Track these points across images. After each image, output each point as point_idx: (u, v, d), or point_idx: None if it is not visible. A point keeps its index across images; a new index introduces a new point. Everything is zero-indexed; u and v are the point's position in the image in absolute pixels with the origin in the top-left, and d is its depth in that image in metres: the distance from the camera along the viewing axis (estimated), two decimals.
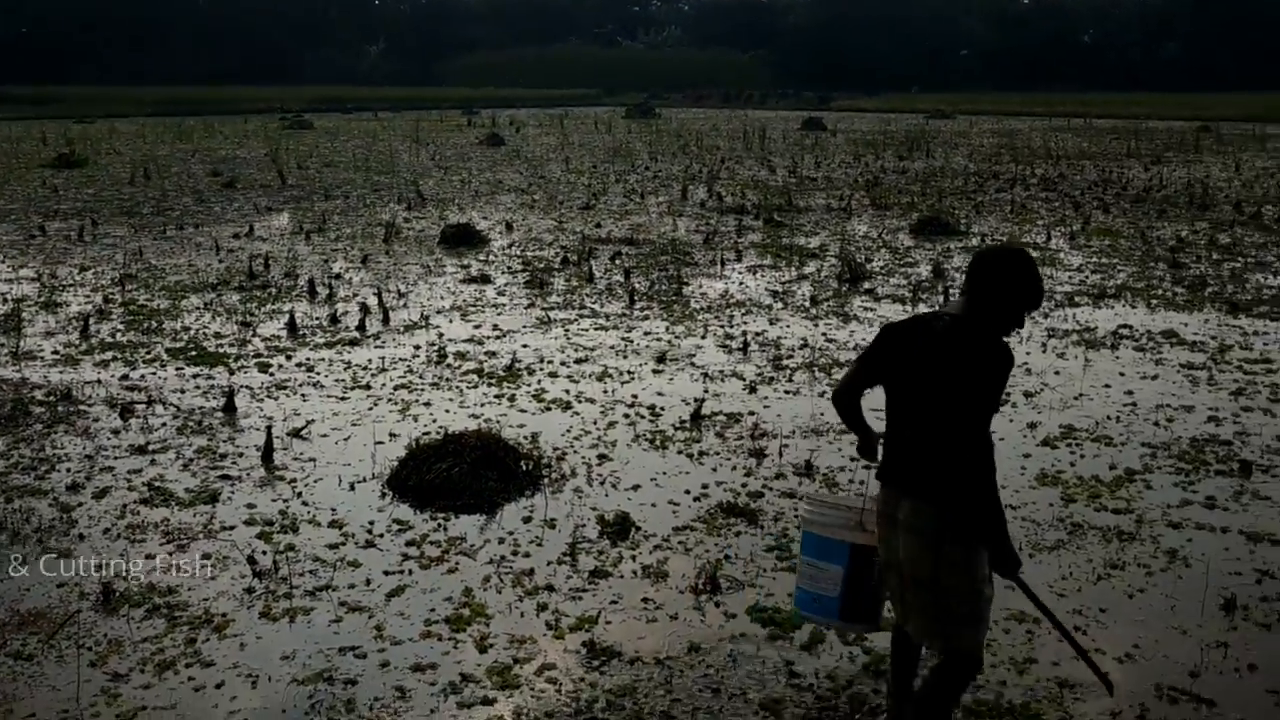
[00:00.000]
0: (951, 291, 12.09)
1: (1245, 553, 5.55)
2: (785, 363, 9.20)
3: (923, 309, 11.31)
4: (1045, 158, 30.59)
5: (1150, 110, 55.76)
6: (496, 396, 8.21)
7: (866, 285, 12.60)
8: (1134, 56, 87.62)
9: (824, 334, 10.26)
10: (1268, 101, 57.01)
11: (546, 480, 6.48)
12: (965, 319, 3.64)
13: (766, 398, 8.22)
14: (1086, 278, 13.06)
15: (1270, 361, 9.12)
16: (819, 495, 5.55)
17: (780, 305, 11.59)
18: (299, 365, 9.02)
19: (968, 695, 4.11)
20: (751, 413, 7.82)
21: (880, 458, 3.89)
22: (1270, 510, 6.05)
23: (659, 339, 10.05)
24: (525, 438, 7.20)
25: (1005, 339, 3.66)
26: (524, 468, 6.50)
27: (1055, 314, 11.02)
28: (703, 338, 10.13)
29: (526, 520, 5.93)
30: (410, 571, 5.33)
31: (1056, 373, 8.84)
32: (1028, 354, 9.43)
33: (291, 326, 10.25)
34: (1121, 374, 8.79)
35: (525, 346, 9.70)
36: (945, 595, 3.59)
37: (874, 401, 3.85)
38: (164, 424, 7.45)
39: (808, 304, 11.62)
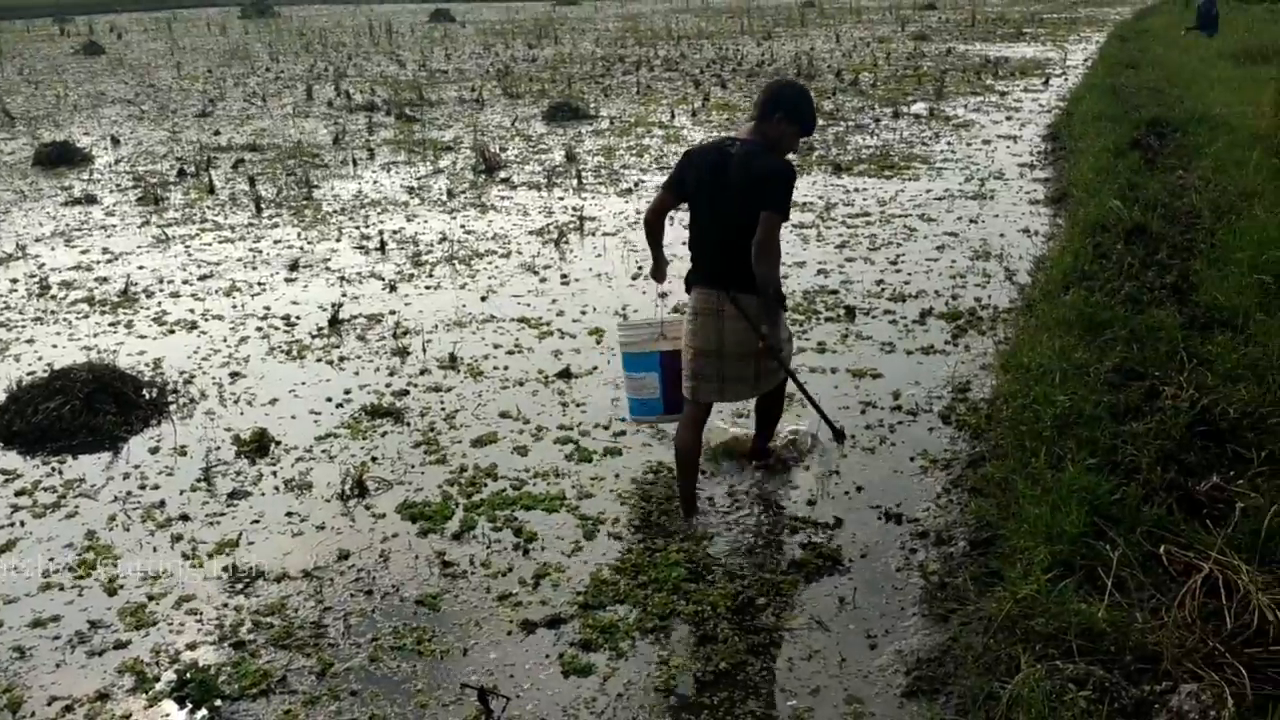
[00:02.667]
0: (583, 173, 12.29)
1: (851, 388, 6.08)
2: (424, 258, 9.04)
3: (557, 193, 11.45)
4: (668, 39, 31.51)
5: None
6: (111, 325, 7.56)
7: (502, 175, 12.57)
8: None
9: (462, 226, 10.17)
10: None
11: (174, 406, 6.07)
12: (756, 142, 4.41)
13: (407, 295, 8.06)
14: None
15: (868, 214, 9.95)
16: (626, 322, 5.91)
17: (417, 201, 11.36)
18: None
19: None
20: (393, 312, 7.66)
21: (690, 275, 4.74)
22: (870, 348, 6.65)
23: (290, 246, 9.59)
24: (147, 365, 6.70)
25: (787, 157, 4.46)
26: (146, 396, 6.05)
27: None
28: (338, 241, 9.77)
29: (154, 451, 5.54)
30: (22, 523, 4.86)
31: (683, 243, 9.19)
32: None
33: None
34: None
35: (141, 268, 8.98)
36: (771, 355, 4.56)
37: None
38: None
39: (445, 198, 11.46)
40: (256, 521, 4.81)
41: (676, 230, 5.23)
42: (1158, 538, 3.60)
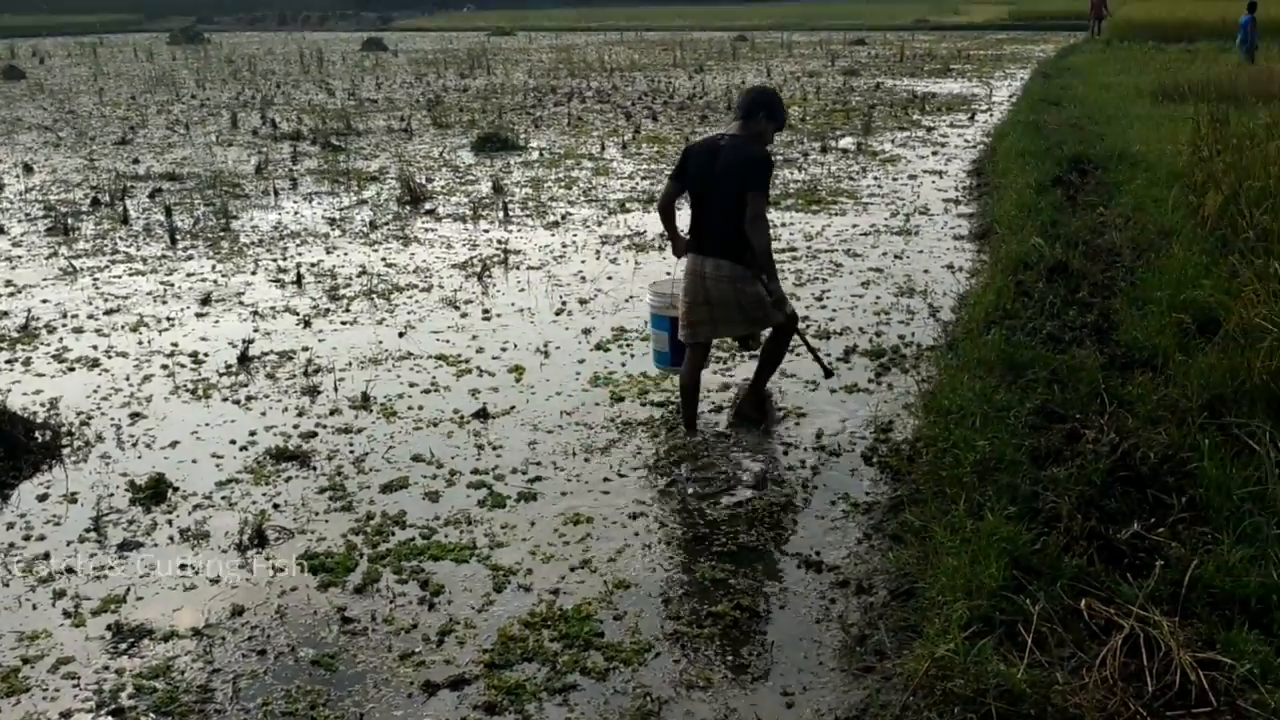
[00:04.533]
0: (510, 205, 12.13)
1: (775, 427, 5.97)
2: (342, 292, 8.81)
3: (483, 225, 11.27)
4: (601, 70, 31.56)
5: (694, 22, 59.08)
6: (8, 362, 7.23)
7: (428, 206, 12.36)
8: None
9: (383, 259, 9.94)
10: (793, 11, 62.12)
11: (69, 450, 5.78)
12: (742, 137, 5.55)
13: (321, 331, 7.82)
14: (637, 184, 13.58)
15: (794, 249, 9.89)
16: (654, 286, 6.46)
17: (338, 232, 11.11)
18: None
19: None
20: (305, 348, 7.41)
21: (687, 243, 5.74)
22: (795, 385, 6.54)
23: (204, 279, 9.30)
24: (42, 405, 6.39)
25: (767, 149, 5.63)
26: (38, 439, 5.75)
27: (608, 221, 11.35)
28: (253, 273, 9.50)
29: (42, 499, 5.25)
30: None
31: (609, 278, 9.09)
32: (583, 262, 9.64)
33: None
34: (668, 274, 9.15)
35: (45, 302, 8.64)
36: (747, 310, 5.63)
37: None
38: None
39: (367, 229, 11.23)
40: (146, 575, 4.54)
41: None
42: (1079, 590, 3.50)
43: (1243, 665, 2.99)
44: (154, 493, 5.23)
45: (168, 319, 8.15)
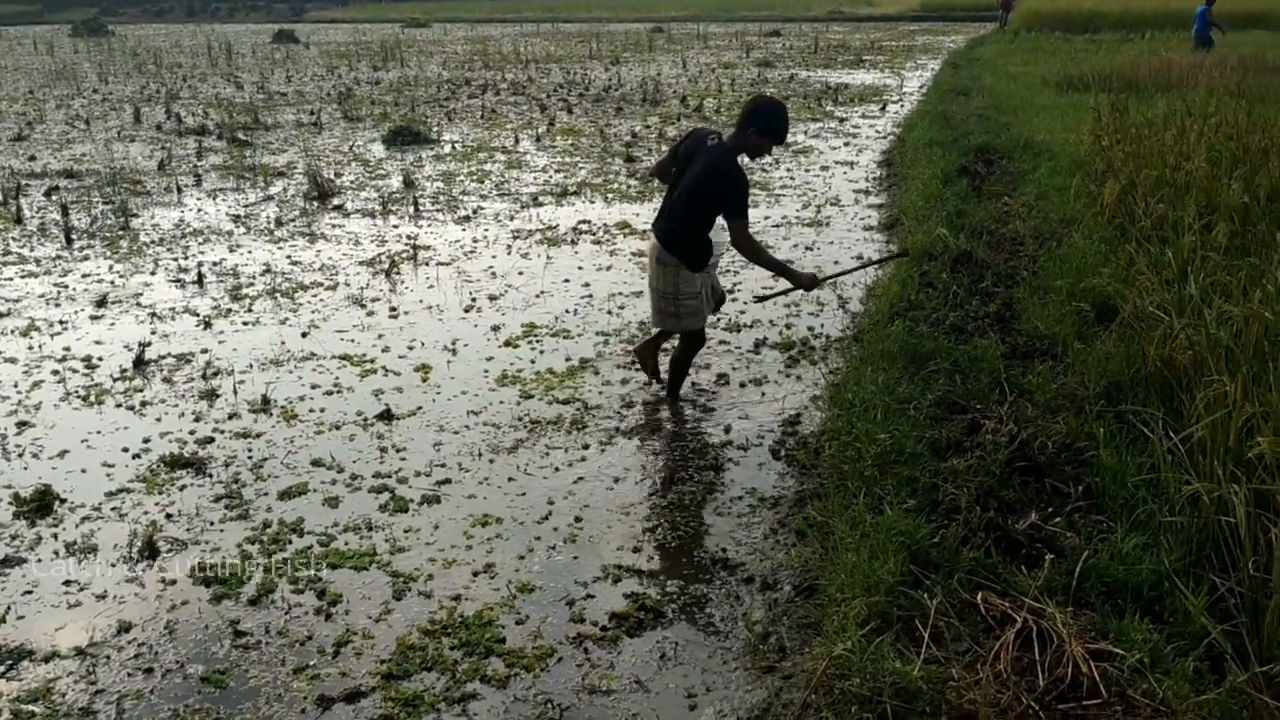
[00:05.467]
0: (420, 200, 11.95)
1: (683, 420, 5.94)
2: (244, 291, 8.58)
3: (393, 221, 11.09)
4: (516, 63, 31.32)
5: (611, 14, 58.93)
6: None
7: (335, 201, 12.12)
8: None
9: (288, 256, 9.71)
10: (709, 3, 62.24)
11: None
12: (728, 141, 5.69)
13: (222, 332, 7.60)
14: (551, 177, 13.47)
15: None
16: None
17: (242, 230, 10.83)
18: None
19: None
20: (205, 351, 7.20)
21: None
22: (706, 377, 6.52)
23: (100, 280, 8.99)
24: None
25: (751, 160, 5.88)
26: None
27: (520, 215, 11.23)
28: (152, 273, 9.21)
29: None
30: None
31: (520, 273, 8.99)
32: (494, 257, 9.52)
33: None
34: (580, 268, 9.11)
35: None
36: (675, 301, 5.84)
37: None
38: None
39: (272, 226, 10.97)
40: (29, 593, 4.35)
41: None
42: (976, 584, 3.51)
43: (1133, 655, 3.01)
44: (39, 505, 5.02)
45: (60, 322, 7.86)
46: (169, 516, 4.95)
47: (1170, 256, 6.05)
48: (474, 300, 8.23)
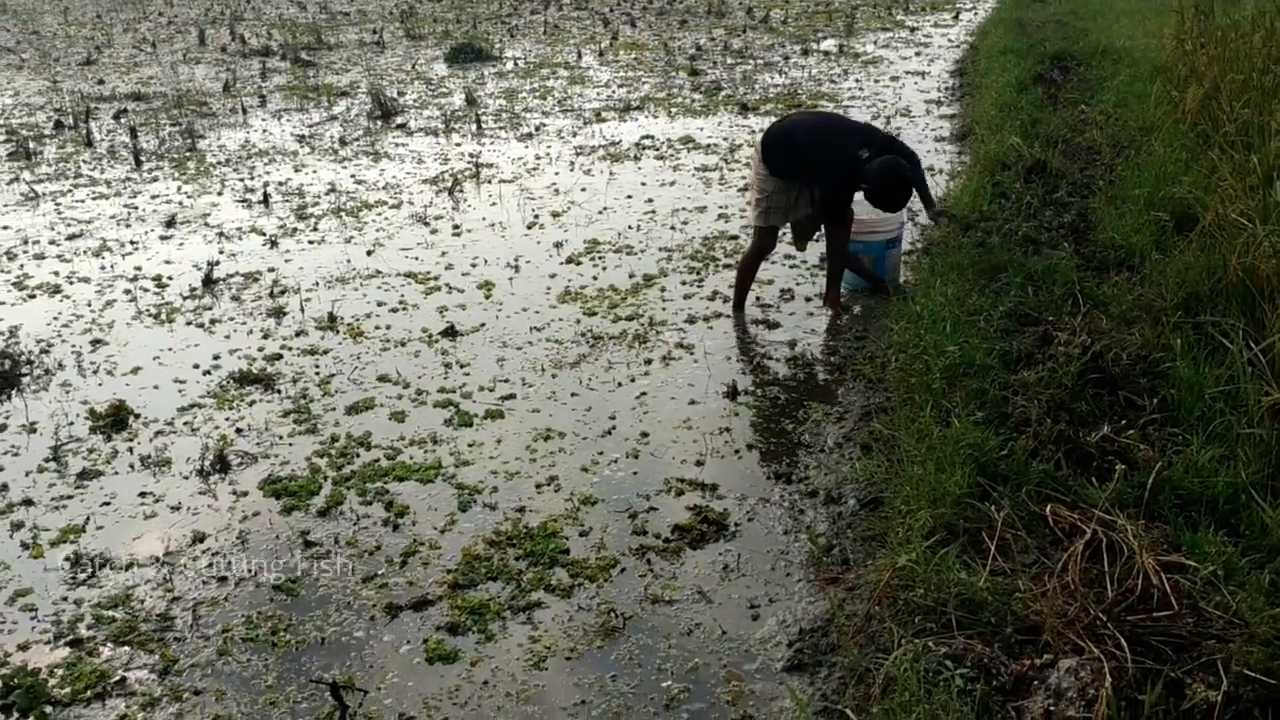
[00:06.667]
0: (483, 118, 11.87)
1: (748, 338, 5.88)
2: (309, 211, 8.62)
3: (455, 139, 11.05)
4: None
5: None
6: None
7: (399, 120, 12.10)
8: None
9: (352, 176, 9.74)
10: None
11: (28, 379, 5.67)
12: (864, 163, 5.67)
13: (288, 251, 7.66)
14: (614, 93, 13.29)
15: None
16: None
17: (307, 150, 10.87)
18: None
19: None
20: (271, 269, 7.27)
21: None
22: (770, 293, 6.44)
23: (169, 201, 9.10)
24: (1, 334, 6.26)
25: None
26: None
27: (583, 131, 11.12)
28: (219, 194, 9.29)
29: (0, 429, 5.16)
30: None
31: (583, 190, 8.91)
32: (556, 174, 9.45)
33: None
34: (643, 184, 9.01)
35: (5, 229, 8.44)
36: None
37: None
38: None
39: (337, 146, 10.99)
40: (107, 504, 4.47)
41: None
42: (1045, 496, 3.44)
43: (1206, 567, 2.94)
44: (114, 420, 5.14)
45: (131, 243, 7.98)
46: (239, 431, 5.04)
47: (1255, 162, 5.79)
48: (536, 217, 8.19)
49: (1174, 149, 7.07)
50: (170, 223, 8.41)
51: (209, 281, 6.99)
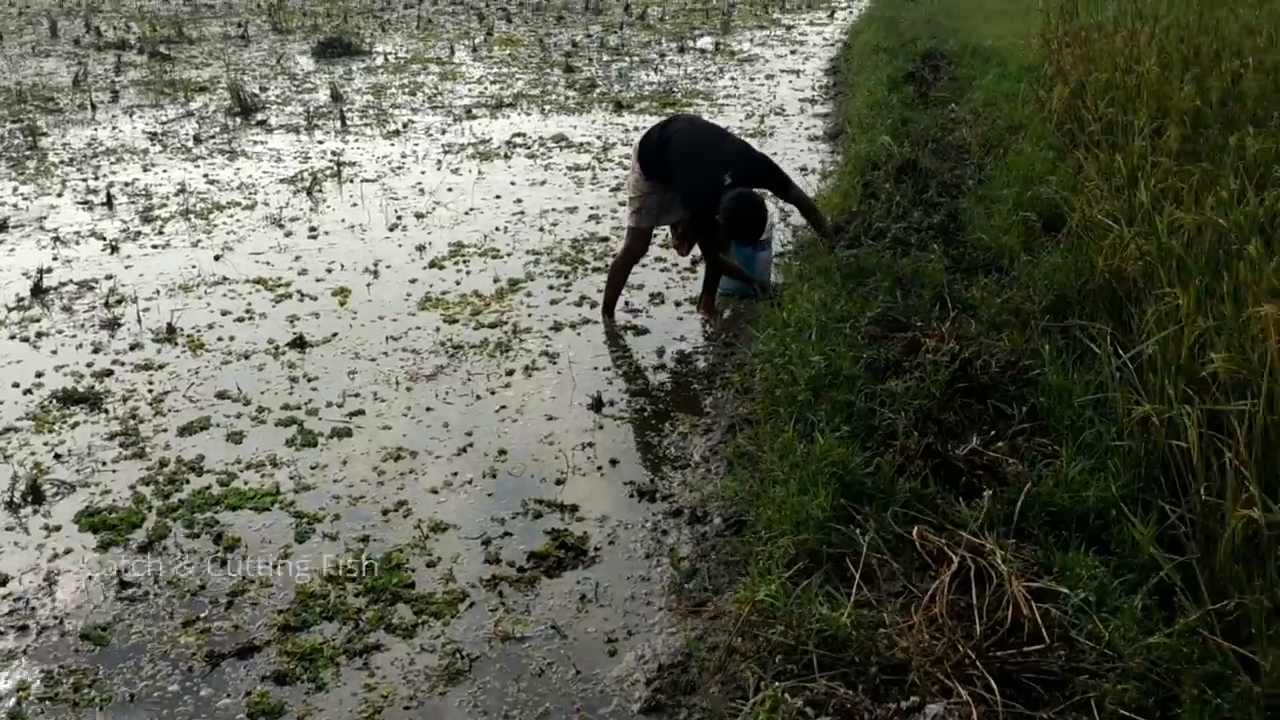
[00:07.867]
0: (348, 114, 11.41)
1: (615, 345, 5.65)
2: (156, 213, 8.10)
3: (318, 136, 10.59)
4: None
5: None
6: None
7: (259, 117, 11.55)
8: None
9: (205, 175, 9.21)
10: None
11: None
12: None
13: (129, 257, 7.16)
14: (486, 89, 12.95)
15: None
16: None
17: (158, 149, 10.27)
18: None
19: None
20: (109, 276, 6.76)
21: None
22: (640, 298, 6.21)
23: (1, 204, 8.46)
24: None
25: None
26: None
27: (452, 129, 10.76)
28: (59, 196, 8.68)
29: None
30: None
31: (450, 190, 8.57)
32: (423, 173, 9.09)
33: None
34: (513, 183, 8.71)
35: None
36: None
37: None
38: None
39: (190, 144, 10.41)
40: None
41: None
42: (912, 518, 3.27)
43: (1077, 594, 2.79)
44: None
45: None
46: (58, 457, 4.60)
47: (1120, 162, 5.77)
48: (399, 219, 7.82)
49: (1041, 148, 7.06)
50: (1, 227, 7.80)
51: (38, 291, 6.47)
